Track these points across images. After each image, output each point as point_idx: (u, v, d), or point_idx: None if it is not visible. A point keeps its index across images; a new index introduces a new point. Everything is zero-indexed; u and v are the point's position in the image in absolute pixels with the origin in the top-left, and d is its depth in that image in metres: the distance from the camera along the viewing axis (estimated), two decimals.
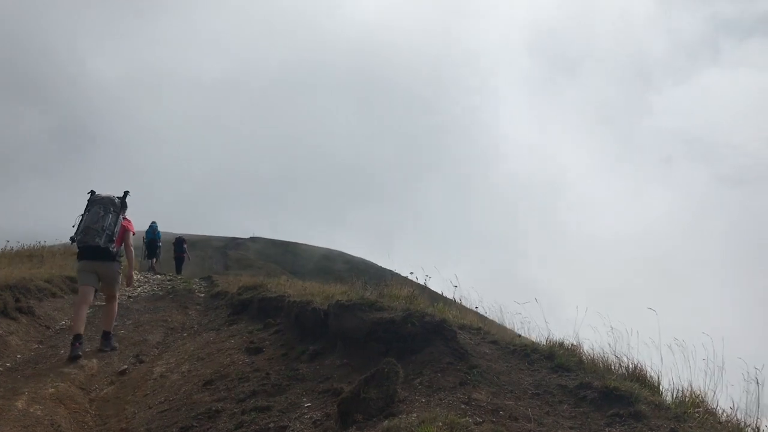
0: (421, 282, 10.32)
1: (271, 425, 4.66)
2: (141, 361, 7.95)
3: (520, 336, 8.47)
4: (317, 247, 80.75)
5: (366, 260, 69.37)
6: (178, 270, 24.83)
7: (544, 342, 8.22)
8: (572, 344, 8.40)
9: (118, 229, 7.82)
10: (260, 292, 10.56)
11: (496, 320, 10.32)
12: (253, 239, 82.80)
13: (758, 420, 6.89)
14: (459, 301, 9.84)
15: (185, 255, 25.96)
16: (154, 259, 22.90)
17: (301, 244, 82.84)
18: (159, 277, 18.92)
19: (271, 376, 6.11)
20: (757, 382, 6.42)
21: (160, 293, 14.37)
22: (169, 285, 16.06)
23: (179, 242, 26.05)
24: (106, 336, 8.13)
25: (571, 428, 5.53)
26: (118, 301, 8.56)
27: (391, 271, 14.75)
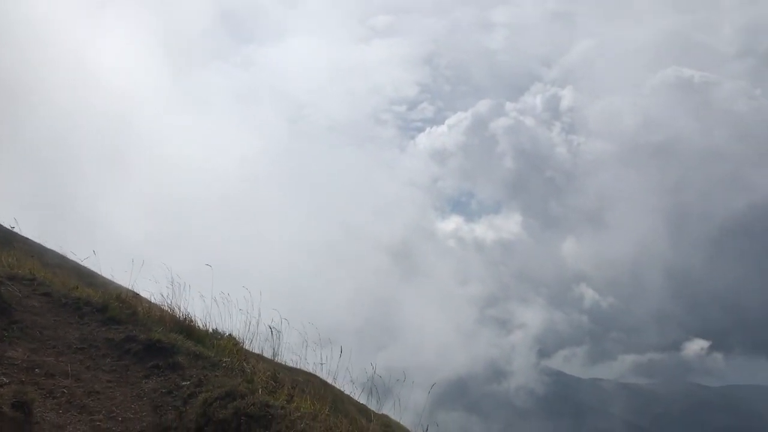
0: None
1: None
2: None
3: (77, 287, 8.47)
4: None
5: None
6: None
7: (98, 295, 8.40)
8: (129, 296, 8.79)
9: None
10: None
11: (58, 269, 10.00)
12: None
13: (276, 356, 8.40)
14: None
15: None
16: None
17: None
18: None
19: None
20: (275, 330, 7.85)
21: None
22: None
23: None
24: None
25: (109, 382, 6.02)
26: None
27: None
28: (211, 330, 8.87)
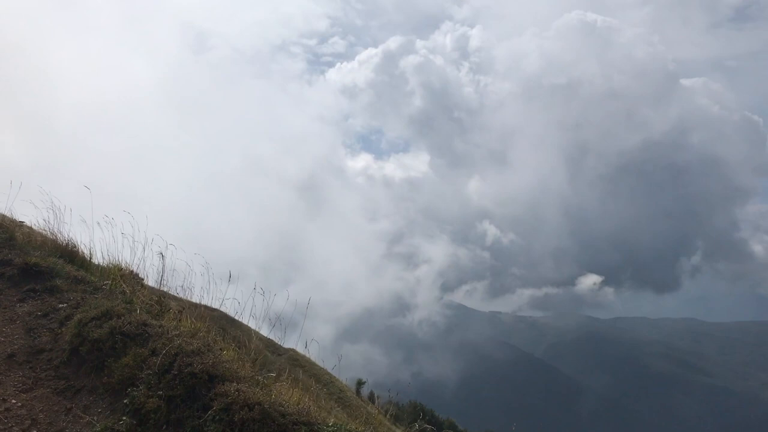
0: None
1: None
2: None
3: None
4: None
5: None
6: None
7: None
8: (7, 221, 8.45)
9: None
10: None
11: None
12: None
13: (162, 285, 8.40)
14: None
15: None
16: None
17: None
18: None
19: None
20: (162, 255, 7.82)
21: None
22: None
23: None
24: None
25: None
26: None
27: None
28: (96, 255, 8.69)
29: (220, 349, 5.00)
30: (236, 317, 7.79)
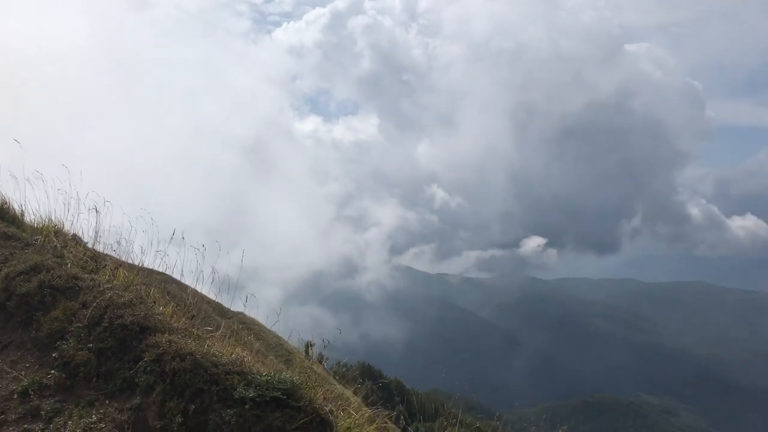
0: None
1: None
2: None
3: None
4: None
5: None
6: None
7: None
8: None
9: None
10: None
11: None
12: None
13: (97, 242, 8.17)
14: None
15: None
16: None
17: None
18: None
19: None
20: (96, 210, 7.60)
21: None
22: None
23: None
24: None
25: None
26: None
27: None
28: (28, 212, 8.40)
29: (154, 301, 4.94)
30: (182, 280, 7.61)
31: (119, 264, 6.87)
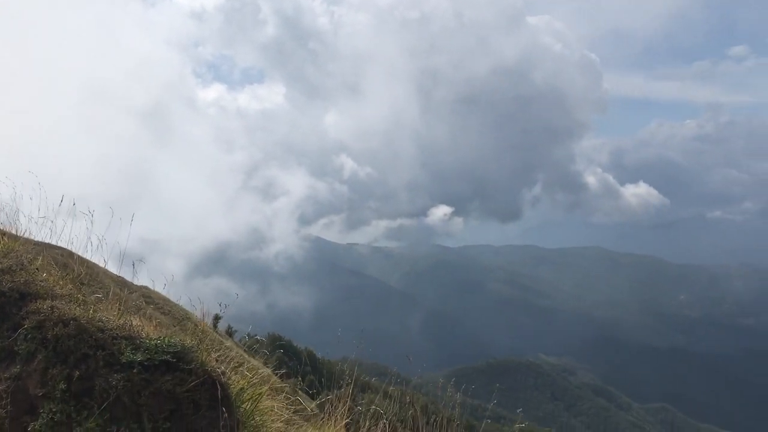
0: None
1: None
2: None
3: None
4: None
5: None
6: None
7: None
8: None
9: None
10: None
11: None
12: None
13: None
14: None
15: None
16: None
17: None
18: None
19: None
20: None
21: None
22: None
23: None
24: None
25: None
26: None
27: None
28: None
29: (37, 269, 4.72)
30: (80, 254, 7.16)
31: (1, 232, 6.49)
